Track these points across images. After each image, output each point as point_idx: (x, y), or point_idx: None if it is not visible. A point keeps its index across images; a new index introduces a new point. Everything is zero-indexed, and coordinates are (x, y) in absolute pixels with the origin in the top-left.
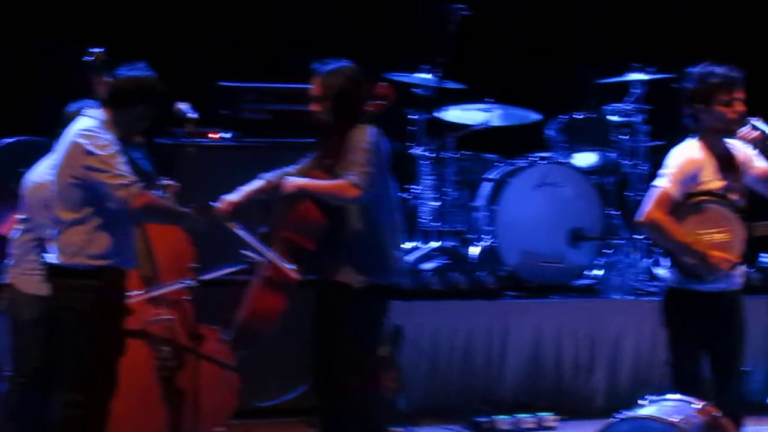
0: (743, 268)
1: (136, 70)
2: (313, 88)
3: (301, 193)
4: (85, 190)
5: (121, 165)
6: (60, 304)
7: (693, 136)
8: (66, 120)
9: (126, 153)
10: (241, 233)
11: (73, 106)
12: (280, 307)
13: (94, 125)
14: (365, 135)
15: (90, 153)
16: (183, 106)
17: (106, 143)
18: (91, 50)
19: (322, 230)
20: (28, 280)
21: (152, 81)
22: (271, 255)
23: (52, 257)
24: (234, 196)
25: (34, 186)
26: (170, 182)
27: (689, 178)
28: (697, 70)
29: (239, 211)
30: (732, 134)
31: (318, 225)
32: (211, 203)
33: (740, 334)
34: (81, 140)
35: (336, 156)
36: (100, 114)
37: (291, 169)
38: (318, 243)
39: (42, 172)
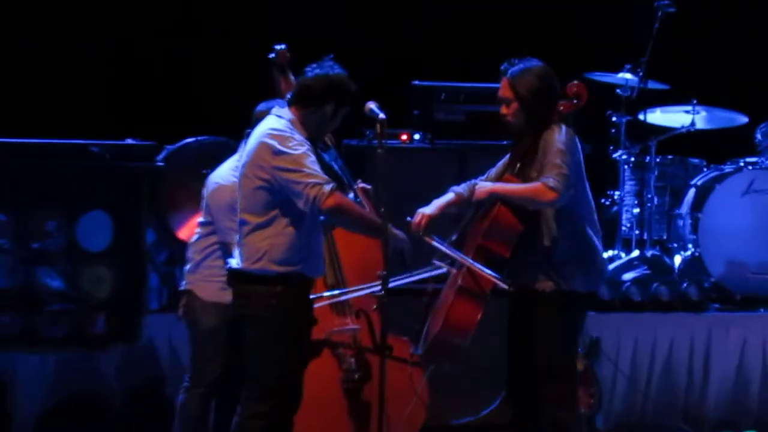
0: None
1: (326, 68)
2: (502, 89)
3: (495, 199)
4: (273, 192)
5: (313, 164)
6: (243, 311)
7: None
8: (255, 120)
9: (317, 154)
10: (438, 245)
11: (262, 106)
12: (475, 318)
13: (282, 125)
14: (559, 135)
15: (280, 153)
16: (372, 106)
17: (296, 143)
18: (274, 47)
19: (518, 237)
20: (208, 287)
21: (342, 79)
22: (470, 262)
23: (235, 262)
24: (428, 210)
25: (217, 188)
26: (365, 186)
27: None
28: None
29: (434, 224)
30: None
31: (513, 231)
32: (408, 219)
33: None
34: (269, 140)
35: (529, 159)
36: (288, 113)
37: (480, 179)
38: (513, 250)
39: (226, 173)
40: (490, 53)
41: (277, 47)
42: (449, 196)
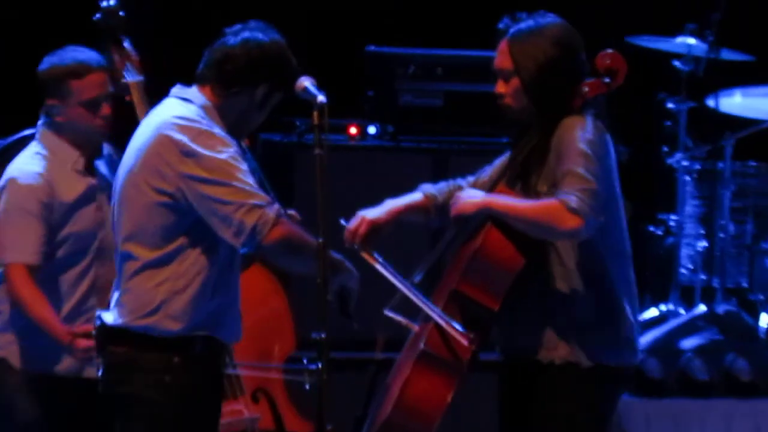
0: None
1: (256, 32)
2: (498, 57)
3: (487, 217)
4: (178, 212)
5: (246, 176)
6: (118, 390)
7: None
8: (44, 85)
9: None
10: (384, 271)
11: (53, 60)
12: (443, 399)
13: (193, 113)
14: (582, 131)
15: (192, 154)
16: (307, 83)
17: (218, 140)
18: (100, 3)
19: (514, 279)
20: (30, 350)
21: (280, 49)
22: (433, 311)
23: (111, 316)
24: (375, 213)
25: (10, 185)
26: (291, 212)
27: None
28: None
29: (381, 237)
30: None
31: (508, 270)
32: (342, 222)
33: None
34: (175, 134)
35: (535, 163)
36: (198, 96)
37: (469, 179)
38: (505, 300)
39: (26, 164)
40: (485, 6)
41: (104, 3)
42: (413, 198)
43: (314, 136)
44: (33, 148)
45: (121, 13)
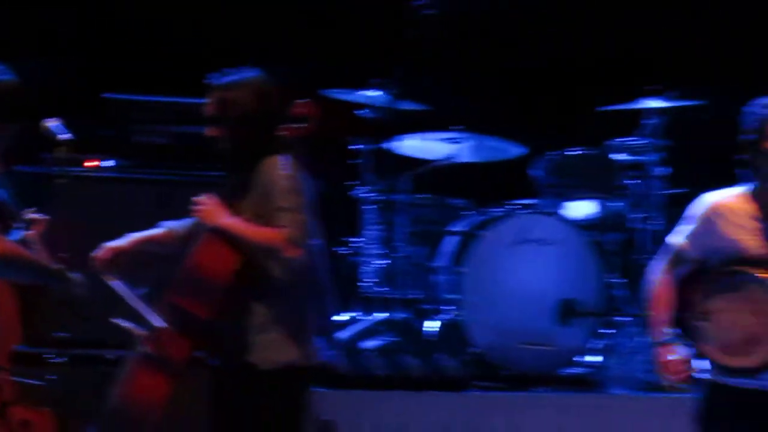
0: None
1: None
2: (209, 105)
3: (222, 234)
4: None
5: None
6: None
7: (746, 184)
8: None
9: None
10: (121, 289)
11: None
12: (163, 393)
13: None
14: (283, 169)
15: None
16: (52, 124)
17: None
18: None
19: (223, 292)
20: None
21: (12, 87)
22: (157, 320)
23: None
24: (117, 242)
25: None
26: (37, 216)
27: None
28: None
29: (126, 265)
30: None
31: (218, 283)
32: (92, 253)
33: None
34: None
35: (241, 194)
36: None
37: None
38: (215, 310)
39: None
40: (204, 61)
41: None
42: (156, 231)
43: (58, 168)
44: None
45: None
